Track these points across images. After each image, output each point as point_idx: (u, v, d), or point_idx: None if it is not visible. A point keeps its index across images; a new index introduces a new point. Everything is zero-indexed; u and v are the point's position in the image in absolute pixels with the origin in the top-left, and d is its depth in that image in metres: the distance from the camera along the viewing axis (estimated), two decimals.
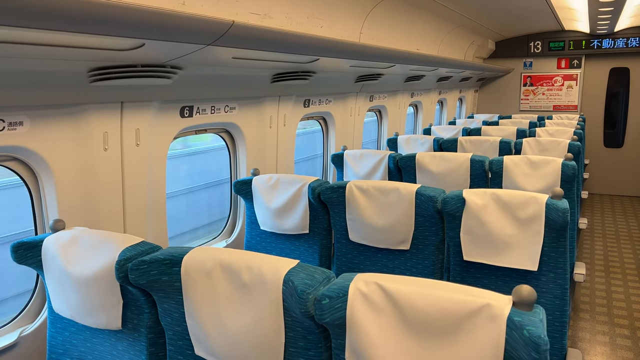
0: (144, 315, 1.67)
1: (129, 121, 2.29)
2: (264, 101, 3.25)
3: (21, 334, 2.01)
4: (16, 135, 1.88)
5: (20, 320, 2.08)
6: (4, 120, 1.83)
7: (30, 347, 2.03)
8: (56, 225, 1.89)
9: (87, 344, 1.82)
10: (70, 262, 1.74)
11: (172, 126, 2.60)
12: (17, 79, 1.78)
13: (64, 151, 2.06)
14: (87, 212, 2.18)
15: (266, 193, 2.84)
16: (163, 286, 1.58)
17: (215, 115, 2.87)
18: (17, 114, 1.86)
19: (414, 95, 6.05)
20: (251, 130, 3.20)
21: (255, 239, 2.96)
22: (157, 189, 2.55)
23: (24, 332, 2.03)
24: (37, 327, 2.06)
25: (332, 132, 4.40)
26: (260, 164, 3.28)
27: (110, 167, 2.25)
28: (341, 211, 2.66)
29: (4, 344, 1.95)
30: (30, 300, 2.12)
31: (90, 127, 2.13)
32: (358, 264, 2.69)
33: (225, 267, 1.51)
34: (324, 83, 3.76)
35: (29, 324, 2.08)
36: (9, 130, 1.85)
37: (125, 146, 2.30)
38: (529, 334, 1.11)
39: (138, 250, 1.65)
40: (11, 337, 1.99)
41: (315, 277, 1.39)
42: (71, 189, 2.11)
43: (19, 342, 2.00)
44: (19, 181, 2.09)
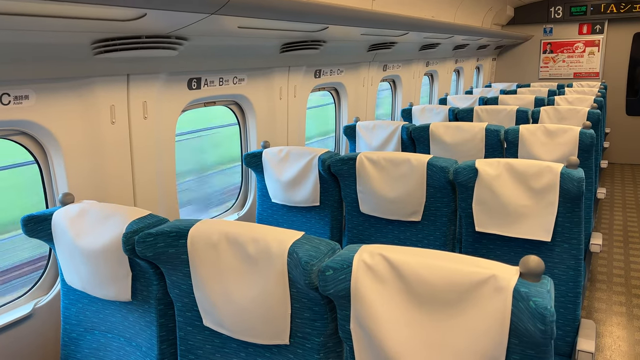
0: (153, 287, 1.68)
1: (136, 94, 2.27)
2: (273, 72, 3.19)
3: (36, 305, 2.05)
4: (22, 109, 1.87)
5: (34, 292, 2.12)
6: (10, 94, 1.82)
7: (44, 318, 2.07)
8: (65, 198, 1.90)
9: (99, 315, 1.85)
10: (79, 235, 1.76)
11: (180, 98, 2.57)
12: (21, 52, 1.76)
13: (71, 125, 2.05)
14: (96, 185, 2.19)
15: (276, 165, 2.82)
16: (170, 258, 1.58)
17: (224, 87, 2.84)
18: (22, 88, 1.85)
19: (429, 64, 5.92)
20: (261, 102, 3.16)
21: (267, 211, 2.96)
22: (166, 162, 2.55)
23: (38, 304, 2.06)
24: (51, 298, 2.09)
25: (344, 103, 4.33)
26: (270, 137, 3.25)
27: (119, 140, 2.25)
28: (352, 183, 2.63)
29: (19, 315, 1.99)
30: (44, 272, 2.15)
31: (97, 100, 2.12)
32: (369, 236, 2.68)
33: (231, 239, 1.50)
34: (335, 52, 3.68)
35: (44, 296, 2.11)
36: (14, 104, 1.84)
37: (133, 119, 2.29)
38: (535, 305, 1.08)
39: (145, 223, 1.65)
40: (26, 308, 2.03)
41: (320, 248, 1.37)
42: (80, 162, 2.11)
43: (33, 313, 2.04)
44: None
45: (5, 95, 1.81)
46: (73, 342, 1.89)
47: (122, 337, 1.80)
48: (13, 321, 1.97)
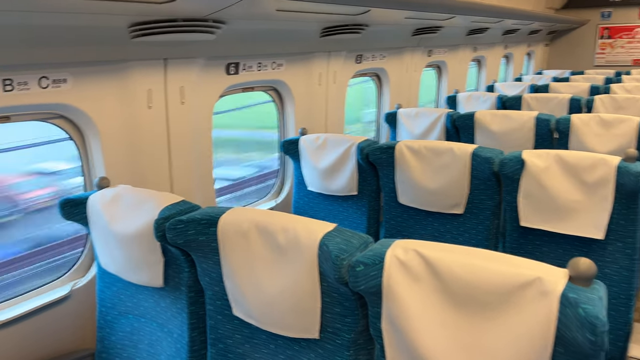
0: (184, 274, 1.66)
1: (173, 78, 2.26)
2: (312, 57, 3.12)
3: (73, 287, 2.08)
4: (60, 93, 1.88)
5: (72, 274, 2.16)
6: (48, 77, 1.83)
7: (81, 299, 2.10)
8: (101, 182, 1.90)
9: (133, 299, 1.85)
10: (113, 220, 1.76)
11: (218, 84, 2.54)
12: (59, 35, 1.77)
13: (108, 108, 2.06)
14: (133, 170, 2.19)
15: (314, 153, 2.77)
16: (200, 246, 1.56)
17: (262, 72, 2.79)
18: (60, 71, 1.86)
19: (477, 49, 5.69)
20: (299, 88, 3.10)
21: (303, 199, 2.92)
22: (203, 147, 2.53)
23: (75, 286, 2.10)
24: (88, 281, 2.12)
25: (386, 89, 4.22)
26: (308, 123, 3.19)
27: (155, 125, 2.24)
28: (390, 173, 2.55)
29: (57, 296, 2.02)
30: (82, 255, 2.18)
31: (134, 84, 2.11)
32: (407, 228, 2.59)
33: (261, 228, 1.45)
34: (378, 37, 3.57)
35: (81, 278, 2.15)
36: (53, 87, 1.85)
37: (170, 104, 2.28)
38: (584, 312, 0.98)
39: (177, 210, 1.63)
40: (64, 289, 2.06)
41: (351, 242, 1.31)
42: (117, 146, 2.12)
43: (71, 294, 2.07)
44: None
45: (44, 78, 1.82)
46: (108, 325, 1.91)
47: (154, 322, 1.80)
48: (52, 301, 2.01)
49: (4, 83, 1.71)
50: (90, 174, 2.15)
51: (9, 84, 1.73)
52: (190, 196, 2.45)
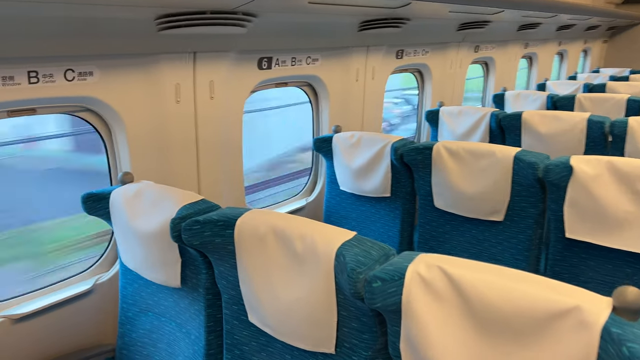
0: (202, 275, 1.61)
1: (203, 73, 2.20)
2: (350, 52, 3.01)
3: (96, 281, 2.07)
4: (86, 86, 1.86)
5: (96, 269, 2.15)
6: (74, 70, 1.81)
7: (104, 294, 2.09)
8: (124, 177, 1.87)
9: (154, 297, 1.82)
10: (133, 216, 1.72)
11: (249, 79, 2.48)
12: (84, 27, 1.74)
13: (135, 103, 2.02)
14: (159, 166, 2.16)
15: (347, 151, 2.67)
16: (217, 248, 1.49)
17: (296, 67, 2.71)
18: (86, 64, 1.84)
19: (528, 45, 5.41)
20: (335, 84, 3.00)
21: (335, 199, 2.82)
22: (233, 145, 2.48)
23: (99, 280, 2.08)
24: (111, 276, 2.11)
25: (428, 86, 4.05)
26: (344, 121, 3.08)
27: (183, 120, 2.20)
28: (426, 175, 2.41)
29: (81, 290, 2.02)
30: (106, 250, 2.17)
31: (162, 78, 2.07)
32: (443, 233, 2.45)
33: (279, 233, 1.37)
34: (420, 32, 3.41)
35: (105, 272, 2.13)
36: (79, 80, 1.83)
37: (199, 99, 2.23)
38: (629, 352, 0.84)
39: (195, 209, 1.57)
40: (87, 283, 2.05)
41: (370, 253, 1.20)
42: (143, 141, 2.09)
43: (94, 289, 2.06)
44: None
45: (70, 71, 1.80)
46: (129, 322, 1.89)
47: (173, 322, 1.76)
48: (75, 295, 2.00)
49: (29, 75, 1.70)
50: (115, 168, 2.13)
51: (34, 76, 1.71)
52: (217, 195, 2.40)
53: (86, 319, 2.06)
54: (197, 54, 2.16)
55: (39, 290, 1.99)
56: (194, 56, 2.15)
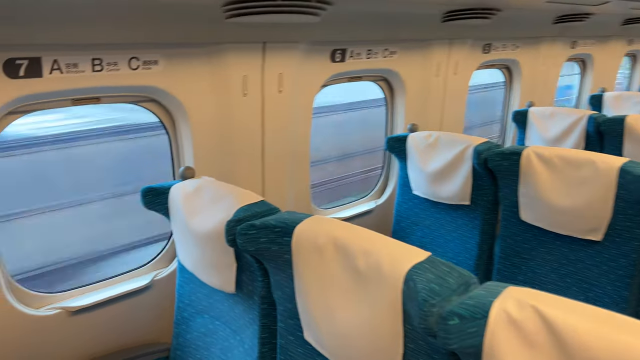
0: (257, 283, 1.48)
1: (272, 64, 2.08)
2: (431, 45, 2.78)
3: (155, 277, 2.02)
4: (151, 75, 1.79)
5: (155, 264, 2.10)
6: (139, 59, 1.74)
7: (162, 291, 2.03)
8: (185, 172, 1.79)
9: (209, 299, 1.72)
10: (191, 214, 1.63)
11: (321, 72, 2.33)
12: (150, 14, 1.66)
13: (200, 94, 1.94)
14: (222, 162, 2.07)
15: (422, 153, 2.45)
16: (273, 256, 1.36)
17: (372, 60, 2.52)
18: (151, 52, 1.77)
19: (633, 42, 4.86)
20: (413, 79, 2.78)
21: (407, 203, 2.61)
22: (300, 141, 2.34)
23: (157, 276, 2.03)
24: (169, 273, 2.05)
25: (516, 84, 3.71)
26: (421, 120, 2.86)
27: (250, 114, 2.09)
28: (513, 183, 2.15)
29: (139, 285, 1.97)
30: (166, 245, 2.11)
31: (229, 70, 1.97)
32: (528, 250, 2.18)
33: (339, 245, 1.21)
34: (511, 24, 3.10)
35: (163, 268, 2.08)
36: (143, 68, 1.76)
37: (267, 92, 2.11)
38: None
39: (253, 211, 1.45)
40: (146, 279, 2.00)
41: (447, 281, 1.01)
42: (207, 135, 2.00)
43: (152, 285, 2.01)
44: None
45: (134, 59, 1.73)
46: (184, 322, 1.81)
47: (228, 327, 1.65)
48: (133, 290, 1.95)
49: (93, 63, 1.65)
50: (178, 162, 2.06)
51: (98, 63, 1.66)
52: (281, 196, 2.28)
53: (143, 316, 2.01)
54: (266, 44, 2.03)
55: (97, 283, 1.96)
56: (263, 47, 2.03)
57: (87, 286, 1.93)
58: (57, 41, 1.55)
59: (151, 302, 2.02)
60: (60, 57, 1.58)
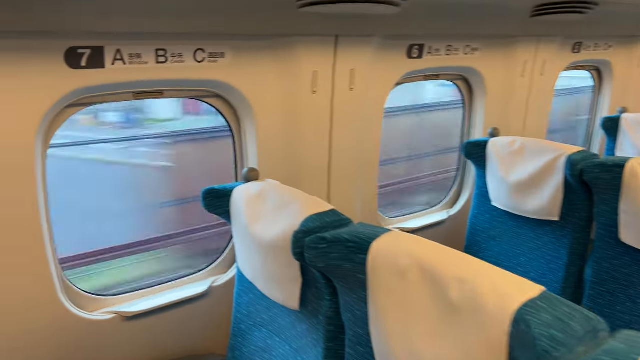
0: (324, 302, 1.33)
1: (344, 60, 1.92)
2: (517, 42, 2.53)
3: (212, 284, 1.90)
4: (216, 68, 1.67)
5: (213, 270, 1.98)
6: (204, 50, 1.63)
7: (219, 299, 1.91)
8: (249, 174, 1.66)
9: (269, 313, 1.58)
10: (253, 220, 1.50)
11: (396, 68, 2.15)
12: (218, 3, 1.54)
13: (267, 90, 1.80)
14: (287, 163, 1.93)
15: (505, 160, 2.21)
16: (345, 274, 1.20)
17: (451, 57, 2.31)
18: (218, 44, 1.65)
19: None
20: (495, 79, 2.54)
21: (484, 216, 2.38)
22: (370, 144, 2.17)
23: (215, 283, 1.92)
24: (227, 280, 1.93)
25: (607, 87, 3.37)
26: (502, 123, 2.60)
27: (318, 113, 1.94)
28: (612, 199, 1.88)
29: (196, 292, 1.86)
30: (225, 250, 2.00)
31: (299, 65, 1.82)
32: (627, 276, 1.90)
33: (426, 270, 1.03)
34: (605, 21, 2.79)
35: (221, 275, 1.96)
36: (209, 61, 1.65)
37: (337, 90, 1.95)
38: None
39: (322, 222, 1.29)
40: (203, 285, 1.89)
41: (571, 326, 0.81)
42: (272, 134, 1.87)
43: (209, 292, 1.89)
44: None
45: (200, 51, 1.62)
46: (241, 334, 1.68)
47: (288, 345, 1.51)
48: (189, 297, 1.85)
49: (157, 54, 1.55)
50: (241, 163, 1.94)
51: (162, 55, 1.56)
52: (348, 203, 2.12)
53: (198, 324, 1.90)
54: (339, 37, 1.88)
55: (152, 288, 1.87)
56: (335, 40, 1.88)
57: (142, 290, 1.84)
58: (121, 29, 1.45)
59: (207, 310, 1.90)
60: (123, 47, 1.49)
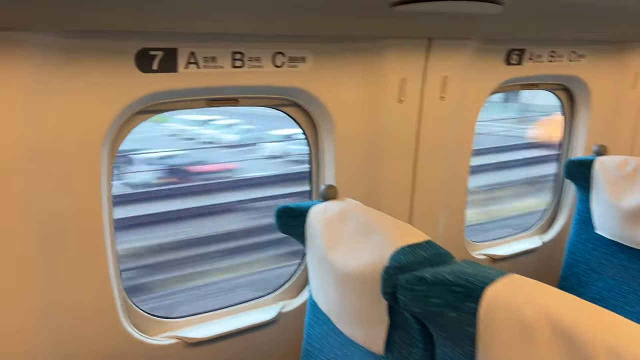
0: (416, 349, 1.13)
1: (436, 66, 1.72)
2: (629, 49, 2.21)
3: (281, 310, 1.74)
4: (296, 74, 1.51)
5: (282, 294, 1.82)
6: (284, 54, 1.47)
7: (287, 328, 1.75)
8: (327, 192, 1.48)
9: (344, 350, 1.40)
10: (332, 245, 1.33)
11: (492, 76, 1.92)
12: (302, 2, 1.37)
13: (349, 99, 1.63)
14: (366, 178, 1.74)
15: (616, 183, 1.92)
16: (447, 323, 1.00)
17: (554, 64, 2.04)
18: (299, 47, 1.49)
19: None
20: (602, 90, 2.24)
21: (585, 245, 2.08)
22: (460, 159, 1.95)
23: (284, 309, 1.75)
24: (297, 306, 1.76)
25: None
26: (608, 140, 2.28)
27: (404, 125, 1.74)
28: None
29: (264, 319, 1.70)
30: (295, 273, 1.83)
31: (385, 71, 1.64)
32: None
33: (563, 331, 0.82)
34: None
35: (291, 300, 1.79)
36: (288, 66, 1.49)
37: (427, 99, 1.75)
38: None
39: (417, 256, 1.10)
40: (272, 311, 1.73)
41: None
42: (352, 148, 1.69)
43: (278, 318, 1.73)
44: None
45: (279, 55, 1.46)
46: None
47: None
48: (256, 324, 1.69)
49: (233, 57, 1.40)
50: (318, 178, 1.76)
51: (239, 58, 1.41)
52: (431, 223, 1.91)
53: (265, 353, 1.75)
54: (432, 40, 1.67)
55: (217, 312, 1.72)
56: (428, 44, 1.67)
57: (207, 314, 1.70)
58: (196, 29, 1.31)
59: (275, 339, 1.74)
60: (197, 49, 1.35)
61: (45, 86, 1.20)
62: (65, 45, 1.20)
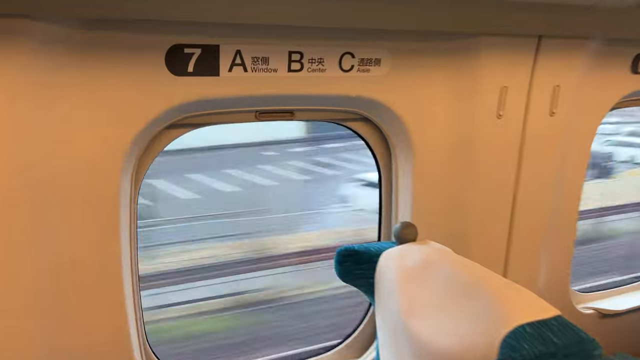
0: None
1: (546, 71, 1.38)
2: None
3: None
4: (368, 80, 1.21)
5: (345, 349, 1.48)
6: (354, 55, 1.17)
7: None
8: (404, 232, 1.15)
9: None
10: (412, 308, 1.04)
11: (615, 87, 1.56)
12: None
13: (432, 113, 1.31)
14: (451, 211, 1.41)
15: None
16: None
17: None
18: (373, 46, 1.18)
19: None
20: None
21: None
22: (570, 190, 1.56)
23: None
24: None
25: None
26: None
27: (502, 146, 1.40)
28: None
29: None
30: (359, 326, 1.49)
31: (481, 77, 1.32)
32: None
33: None
34: None
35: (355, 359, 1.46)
36: (359, 70, 1.18)
37: (532, 113, 1.41)
38: None
39: (545, 341, 0.80)
40: None
41: None
42: (435, 173, 1.36)
43: None
44: None
45: (348, 55, 1.16)
46: None
47: None
48: None
49: (290, 58, 1.11)
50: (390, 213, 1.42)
51: (296, 60, 1.12)
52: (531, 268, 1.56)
53: None
54: (542, 39, 1.31)
55: None
56: (537, 43, 1.32)
57: None
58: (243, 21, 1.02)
59: None
60: (244, 47, 1.06)
61: (46, 92, 0.95)
62: (76, 40, 0.95)
